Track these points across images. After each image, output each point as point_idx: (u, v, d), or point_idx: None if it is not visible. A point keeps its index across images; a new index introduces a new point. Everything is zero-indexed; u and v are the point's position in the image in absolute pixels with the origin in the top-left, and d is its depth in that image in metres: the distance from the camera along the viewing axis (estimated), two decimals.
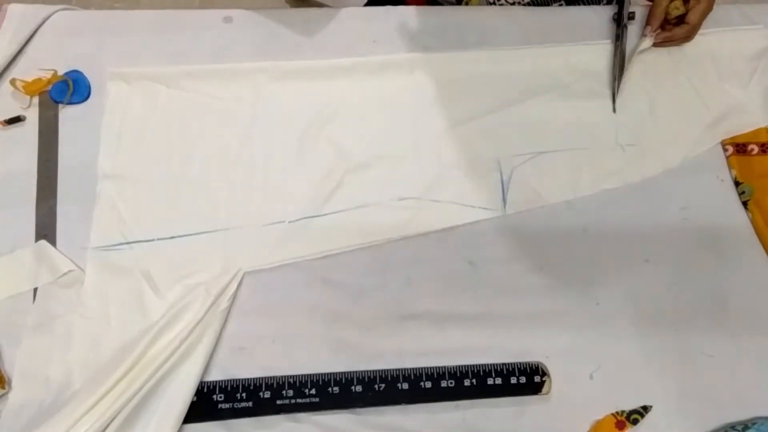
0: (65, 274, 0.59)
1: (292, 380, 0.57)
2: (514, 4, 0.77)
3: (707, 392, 0.59)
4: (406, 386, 0.57)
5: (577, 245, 0.64)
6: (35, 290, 0.59)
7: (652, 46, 0.70)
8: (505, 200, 0.65)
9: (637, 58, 0.70)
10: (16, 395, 0.55)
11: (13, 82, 0.66)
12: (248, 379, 0.57)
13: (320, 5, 0.74)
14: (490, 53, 0.71)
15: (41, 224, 0.62)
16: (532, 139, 0.68)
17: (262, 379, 0.57)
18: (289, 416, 0.56)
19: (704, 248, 0.64)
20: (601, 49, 0.72)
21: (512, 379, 0.58)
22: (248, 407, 0.56)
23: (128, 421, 0.53)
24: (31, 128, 0.66)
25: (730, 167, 0.68)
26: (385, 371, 0.58)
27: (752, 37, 0.73)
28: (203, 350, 0.56)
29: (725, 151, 0.69)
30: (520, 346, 0.60)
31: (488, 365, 0.58)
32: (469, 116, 0.69)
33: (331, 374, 0.57)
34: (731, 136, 0.69)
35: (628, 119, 0.69)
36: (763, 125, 0.69)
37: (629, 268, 0.63)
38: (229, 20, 0.72)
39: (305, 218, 0.63)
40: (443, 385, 0.57)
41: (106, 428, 0.52)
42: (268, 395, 0.56)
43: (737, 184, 0.67)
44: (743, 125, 0.69)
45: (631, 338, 0.60)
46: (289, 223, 0.63)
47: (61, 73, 0.68)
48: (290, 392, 0.56)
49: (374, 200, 0.64)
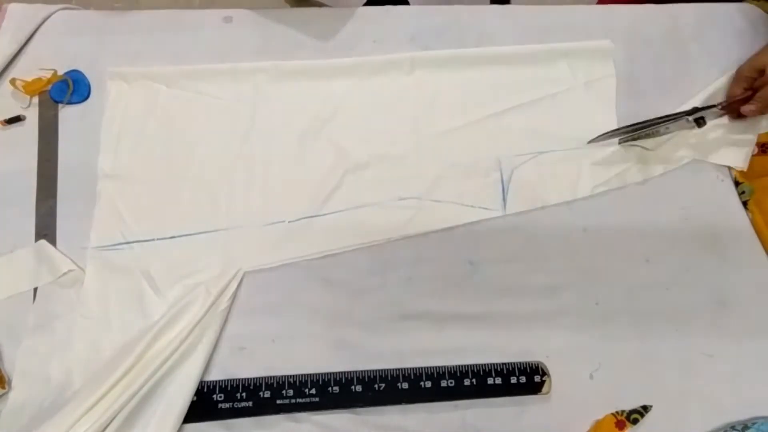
0: (65, 273, 0.59)
1: (292, 380, 0.57)
2: None
3: (707, 392, 0.59)
4: (406, 386, 0.57)
5: (577, 245, 0.64)
6: (35, 290, 0.59)
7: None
8: (505, 200, 0.65)
9: None
10: (16, 395, 0.55)
11: (13, 81, 0.66)
12: (248, 378, 0.57)
13: (320, 5, 0.74)
14: (490, 53, 0.71)
15: (41, 224, 0.62)
16: (532, 139, 0.68)
17: (262, 378, 0.57)
18: (289, 416, 0.56)
19: (704, 248, 0.64)
20: (601, 48, 0.72)
21: (512, 378, 0.58)
22: (248, 407, 0.56)
23: (128, 421, 0.53)
24: (30, 128, 0.66)
25: (730, 167, 0.68)
26: (385, 371, 0.58)
27: None
28: (203, 350, 0.56)
29: None
30: (520, 346, 0.60)
31: (488, 365, 0.58)
32: (469, 116, 0.69)
33: (331, 374, 0.57)
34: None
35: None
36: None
37: (629, 268, 0.63)
38: (229, 20, 0.72)
39: (305, 218, 0.63)
40: (443, 384, 0.57)
41: (106, 428, 0.52)
42: (268, 395, 0.56)
43: (737, 184, 0.67)
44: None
45: (631, 338, 0.60)
46: (289, 223, 0.63)
47: (60, 72, 0.68)
48: (290, 392, 0.56)
49: (374, 200, 0.64)
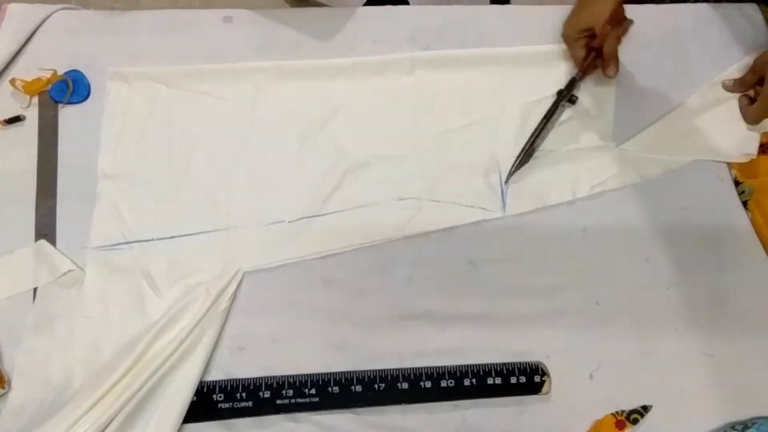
0: (65, 273, 0.59)
1: (292, 380, 0.57)
2: None
3: (707, 392, 0.59)
4: (405, 386, 0.57)
5: (577, 245, 0.64)
6: (35, 290, 0.59)
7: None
8: (504, 201, 0.65)
9: None
10: (16, 395, 0.55)
11: (12, 81, 0.66)
12: (248, 378, 0.57)
13: (320, 5, 0.74)
14: (490, 53, 0.71)
15: (41, 224, 0.62)
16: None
17: (262, 378, 0.57)
18: (288, 416, 0.56)
19: (704, 248, 0.64)
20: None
21: (512, 378, 0.58)
22: (248, 407, 0.56)
23: (128, 421, 0.53)
24: (30, 128, 0.66)
25: (730, 167, 0.68)
26: (385, 371, 0.58)
27: None
28: (203, 350, 0.56)
29: None
30: (520, 346, 0.60)
31: (488, 365, 0.58)
32: (469, 116, 0.69)
33: (330, 374, 0.57)
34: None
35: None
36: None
37: (629, 268, 0.63)
38: (229, 20, 0.72)
39: (305, 218, 0.63)
40: (443, 384, 0.57)
41: (105, 428, 0.52)
42: (268, 395, 0.56)
43: (737, 184, 0.67)
44: None
45: (631, 338, 0.60)
46: (288, 222, 0.63)
47: (60, 72, 0.68)
48: (290, 392, 0.56)
49: (374, 200, 0.64)
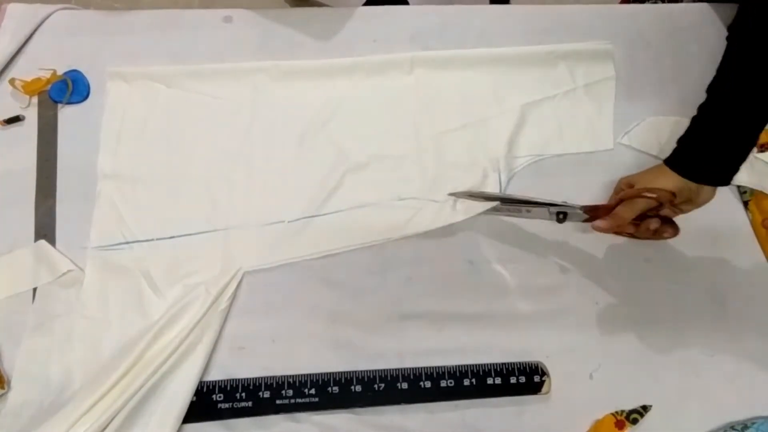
0: (65, 273, 0.59)
1: (291, 380, 0.57)
2: None
3: (707, 392, 0.59)
4: (405, 386, 0.57)
5: (577, 245, 0.64)
6: (34, 290, 0.59)
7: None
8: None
9: None
10: (15, 395, 0.55)
11: (12, 81, 0.66)
12: (248, 378, 0.57)
13: (320, 5, 0.74)
14: (490, 53, 0.71)
15: (40, 224, 0.62)
16: (531, 139, 0.68)
17: (261, 378, 0.57)
18: (288, 416, 0.56)
19: (704, 248, 0.64)
20: (601, 50, 0.72)
21: (512, 378, 0.58)
22: (248, 407, 0.55)
23: (128, 420, 0.53)
24: (30, 128, 0.66)
25: None
26: (384, 371, 0.58)
27: None
28: (203, 350, 0.56)
29: None
30: (520, 346, 0.59)
31: (488, 365, 0.58)
32: (468, 116, 0.69)
33: (330, 374, 0.57)
34: None
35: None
36: None
37: (629, 268, 0.63)
38: (228, 20, 0.72)
39: (305, 218, 0.63)
40: (443, 384, 0.57)
41: (105, 428, 0.51)
42: (267, 395, 0.56)
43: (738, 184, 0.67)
44: None
45: (631, 338, 0.60)
46: (288, 222, 0.63)
47: (60, 72, 0.68)
48: (290, 392, 0.56)
49: (374, 200, 0.64)
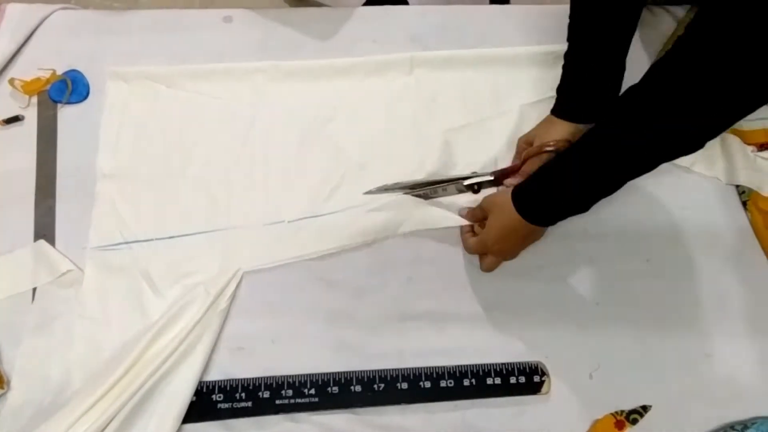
0: (64, 273, 0.59)
1: (291, 380, 0.57)
2: None
3: (707, 392, 0.59)
4: (405, 386, 0.57)
5: (577, 245, 0.64)
6: (34, 290, 0.59)
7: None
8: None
9: None
10: (15, 395, 0.55)
11: (11, 81, 0.66)
12: (247, 379, 0.57)
13: (320, 5, 0.74)
14: (490, 53, 0.71)
15: (40, 224, 0.62)
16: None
17: (261, 379, 0.57)
18: (288, 416, 0.56)
19: (704, 248, 0.64)
20: None
21: (512, 378, 0.58)
22: (247, 407, 0.55)
23: (128, 420, 0.53)
24: (29, 128, 0.66)
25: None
26: (384, 371, 0.58)
27: None
28: (202, 350, 0.56)
29: None
30: (520, 346, 0.59)
31: (488, 365, 0.58)
32: (468, 116, 0.69)
33: (330, 374, 0.57)
34: None
35: None
36: None
37: (629, 268, 0.63)
38: (228, 20, 0.72)
39: (305, 218, 0.63)
40: (443, 385, 0.57)
41: (105, 428, 0.52)
42: (267, 395, 0.56)
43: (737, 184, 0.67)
44: None
45: (631, 338, 0.60)
46: (288, 222, 0.63)
47: (59, 72, 0.68)
48: (289, 392, 0.56)
49: (374, 200, 0.64)
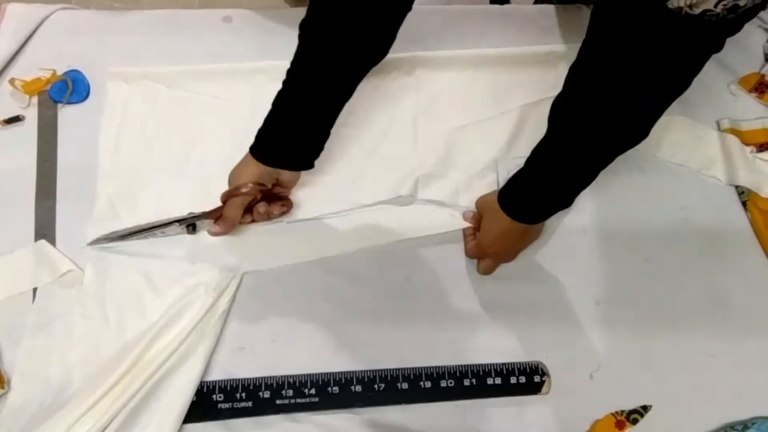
0: (65, 274, 0.59)
1: (291, 380, 0.57)
2: None
3: (707, 392, 0.59)
4: (406, 386, 0.57)
5: (577, 245, 0.64)
6: (35, 290, 0.59)
7: None
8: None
9: None
10: (15, 395, 0.55)
11: (12, 81, 0.66)
12: (248, 378, 0.57)
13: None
14: (490, 53, 0.71)
15: (41, 223, 0.62)
16: (531, 139, 0.67)
17: (261, 379, 0.57)
18: (288, 416, 0.56)
19: (704, 248, 0.64)
20: None
21: (512, 378, 0.58)
22: (248, 407, 0.55)
23: (128, 420, 0.53)
24: (30, 128, 0.66)
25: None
26: (385, 371, 0.58)
27: None
28: (203, 351, 0.56)
29: None
30: (520, 346, 0.60)
31: (488, 365, 0.58)
32: (468, 116, 0.69)
33: (330, 374, 0.57)
34: None
35: None
36: None
37: (629, 268, 0.63)
38: (228, 20, 0.72)
39: (304, 219, 0.63)
40: (443, 384, 0.57)
41: (106, 428, 0.52)
42: (267, 395, 0.56)
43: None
44: None
45: (631, 338, 0.60)
46: (288, 223, 0.63)
47: (60, 72, 0.68)
48: (290, 392, 0.56)
49: (373, 200, 0.64)
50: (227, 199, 0.58)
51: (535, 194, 0.56)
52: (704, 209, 0.66)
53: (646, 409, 0.57)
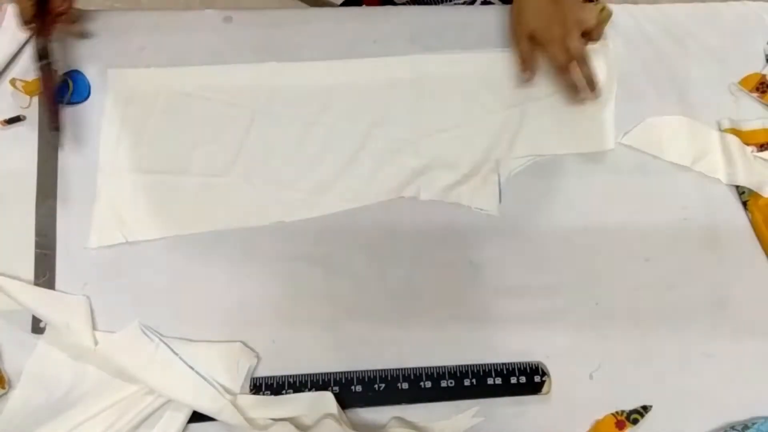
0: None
1: (292, 380, 0.57)
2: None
3: (707, 392, 0.59)
4: (406, 386, 0.57)
5: (577, 245, 0.64)
6: None
7: None
8: (501, 202, 0.65)
9: None
10: (17, 395, 0.55)
11: (12, 81, 0.66)
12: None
13: (322, 4, 0.74)
14: (490, 54, 0.71)
15: (40, 224, 0.62)
16: (531, 140, 0.68)
17: (262, 378, 0.57)
18: None
19: (704, 248, 0.64)
20: (601, 49, 0.72)
21: (512, 379, 0.58)
22: None
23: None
24: (30, 128, 0.66)
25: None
26: (385, 371, 0.58)
27: None
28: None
29: None
30: (520, 346, 0.60)
31: (488, 365, 0.58)
32: (469, 116, 0.68)
33: (330, 374, 0.57)
34: None
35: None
36: None
37: (629, 268, 0.63)
38: (229, 20, 0.72)
39: (304, 218, 0.63)
40: (443, 384, 0.57)
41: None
42: (267, 395, 0.56)
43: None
44: None
45: (631, 338, 0.60)
46: (287, 222, 0.63)
47: (61, 73, 0.67)
48: (290, 392, 0.56)
49: (373, 200, 0.64)
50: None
51: None
52: (704, 209, 0.66)
53: (646, 409, 0.57)
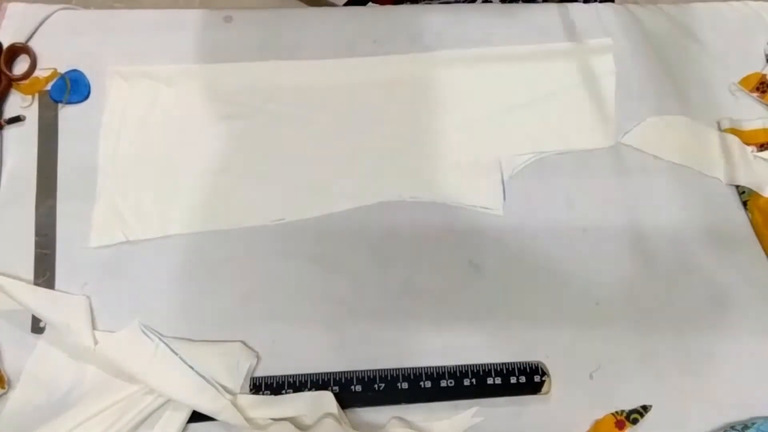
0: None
1: (292, 380, 0.57)
2: None
3: (707, 392, 0.59)
4: (405, 386, 0.57)
5: (577, 245, 0.64)
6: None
7: None
8: (505, 200, 0.65)
9: None
10: (17, 396, 0.55)
11: None
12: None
13: (322, 4, 0.74)
14: (490, 53, 0.71)
15: (41, 223, 0.62)
16: (533, 139, 0.68)
17: (262, 378, 0.57)
18: None
19: (704, 248, 0.64)
20: (601, 46, 0.72)
21: (512, 378, 0.58)
22: None
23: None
24: (30, 128, 0.66)
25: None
26: (384, 371, 0.58)
27: None
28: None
29: None
30: (520, 346, 0.60)
31: (488, 365, 0.58)
32: (470, 116, 0.69)
33: (330, 374, 0.57)
34: None
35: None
36: None
37: (629, 268, 0.63)
38: (229, 20, 0.72)
39: (304, 217, 0.63)
40: (443, 384, 0.57)
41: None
42: (268, 395, 0.56)
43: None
44: None
45: (631, 338, 0.60)
46: (288, 222, 0.63)
47: (60, 72, 0.67)
48: (290, 392, 0.56)
49: (373, 200, 0.64)
50: None
51: None
52: (704, 209, 0.66)
53: (646, 409, 0.57)
